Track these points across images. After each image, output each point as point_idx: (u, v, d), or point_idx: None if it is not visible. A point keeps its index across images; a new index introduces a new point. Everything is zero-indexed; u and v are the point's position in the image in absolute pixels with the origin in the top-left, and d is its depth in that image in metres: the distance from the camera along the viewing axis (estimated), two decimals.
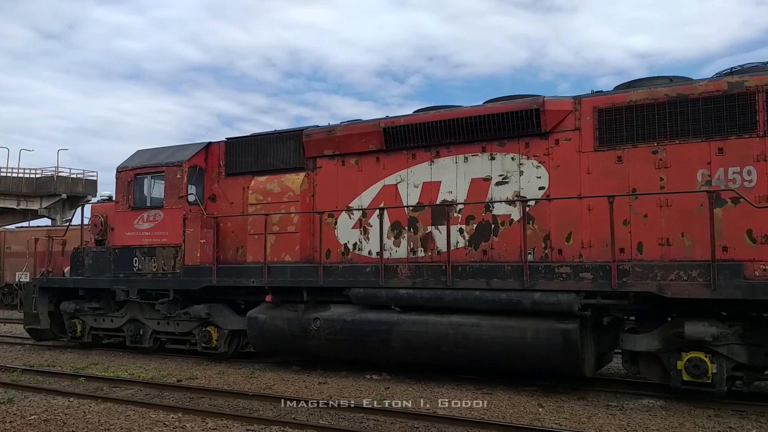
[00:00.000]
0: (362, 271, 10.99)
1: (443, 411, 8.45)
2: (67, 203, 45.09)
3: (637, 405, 8.87)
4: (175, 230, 13.01)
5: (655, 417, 8.14)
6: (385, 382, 10.69)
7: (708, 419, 8.07)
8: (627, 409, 8.66)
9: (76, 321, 14.84)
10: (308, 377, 11.15)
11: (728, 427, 7.64)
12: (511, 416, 8.22)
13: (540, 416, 8.22)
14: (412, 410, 8.41)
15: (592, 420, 8.02)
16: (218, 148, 13.49)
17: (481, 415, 8.25)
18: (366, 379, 10.88)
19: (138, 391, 10.15)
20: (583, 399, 9.27)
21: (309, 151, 12.32)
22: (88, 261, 14.21)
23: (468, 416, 8.16)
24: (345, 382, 10.62)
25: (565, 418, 8.11)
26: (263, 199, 12.48)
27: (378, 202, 11.56)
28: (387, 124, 11.40)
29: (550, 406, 8.75)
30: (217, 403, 9.20)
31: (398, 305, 10.62)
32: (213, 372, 11.82)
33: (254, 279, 11.98)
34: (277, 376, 11.35)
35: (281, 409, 8.71)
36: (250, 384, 10.60)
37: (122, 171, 13.87)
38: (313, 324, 11.27)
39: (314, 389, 10.14)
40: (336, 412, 8.45)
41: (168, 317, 13.34)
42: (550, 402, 9.03)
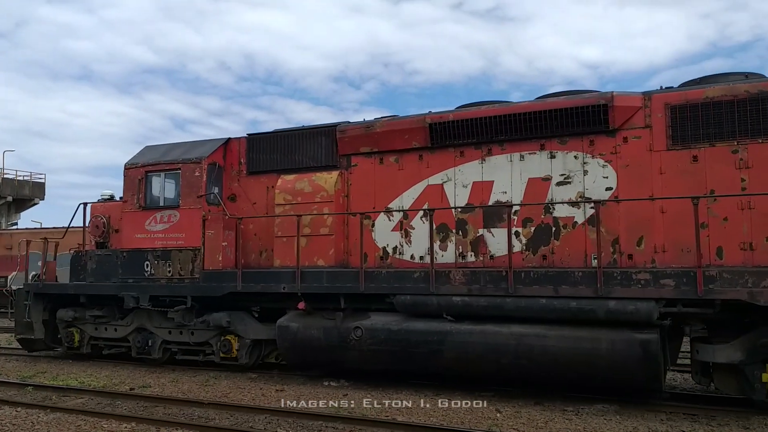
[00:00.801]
0: (409, 276, 10.17)
1: (402, 418, 8.35)
2: (13, 206, 42.95)
3: (592, 409, 8.90)
4: (193, 232, 11.99)
5: (610, 421, 8.27)
6: (344, 388, 10.48)
7: (661, 423, 8.17)
8: (582, 413, 8.71)
9: (73, 330, 13.63)
10: (265, 385, 10.88)
11: (680, 431, 7.76)
12: (469, 422, 8.21)
13: (498, 421, 8.24)
14: (371, 417, 8.36)
15: (549, 425, 8.07)
16: (238, 144, 12.53)
17: (441, 420, 8.21)
18: (324, 386, 10.67)
19: (89, 401, 9.77)
20: (540, 404, 9.22)
21: (343, 148, 11.46)
22: (91, 265, 13.05)
23: (426, 423, 8.06)
24: (302, 390, 10.39)
25: (522, 423, 8.14)
26: (292, 199, 11.56)
27: (421, 203, 10.79)
28: (433, 120, 10.63)
29: (507, 412, 8.75)
30: (172, 412, 8.95)
31: (451, 314, 9.83)
32: (167, 380, 11.45)
33: (285, 285, 11.04)
34: (233, 383, 11.01)
35: (237, 417, 8.59)
36: (206, 392, 10.32)
37: (131, 168, 12.76)
38: (354, 334, 10.40)
39: (271, 397, 9.91)
40: (295, 419, 8.34)
41: (181, 326, 12.29)
42: (508, 407, 9.00)
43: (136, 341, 12.85)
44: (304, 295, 10.93)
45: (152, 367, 12.62)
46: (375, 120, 11.25)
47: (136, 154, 13.09)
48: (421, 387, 10.29)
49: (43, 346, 14.50)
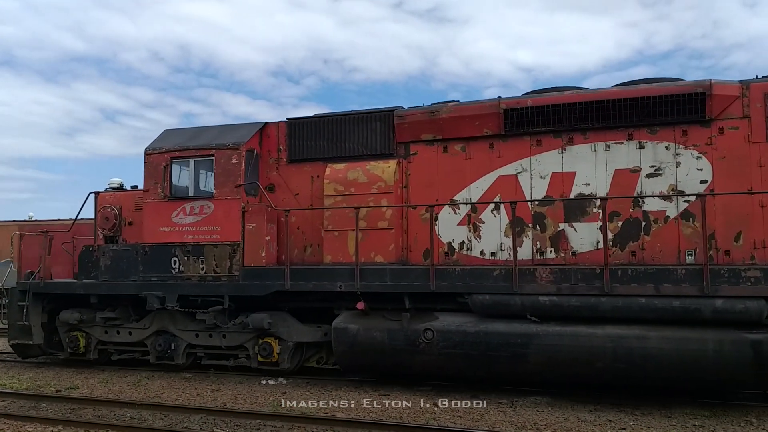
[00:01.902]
0: (488, 274, 9.41)
1: (342, 414, 8.43)
2: None
3: (526, 402, 9.11)
4: (231, 225, 10.86)
5: (542, 413, 8.51)
6: (282, 387, 10.35)
7: (589, 413, 8.48)
8: (516, 405, 8.91)
9: (78, 334, 12.23)
10: (200, 385, 10.62)
11: (607, 420, 8.10)
12: (408, 417, 8.32)
13: (436, 416, 8.37)
14: (309, 414, 8.36)
15: (485, 418, 8.28)
16: (277, 129, 11.44)
17: (380, 416, 8.25)
18: (261, 385, 10.48)
19: (12, 403, 9.42)
20: (476, 397, 9.27)
21: (401, 135, 10.58)
22: (104, 262, 11.67)
23: (366, 418, 8.11)
24: (240, 389, 10.22)
25: (459, 417, 8.31)
26: (344, 190, 10.60)
27: (492, 195, 10.05)
28: (509, 105, 9.90)
29: (445, 406, 8.85)
30: (102, 414, 8.71)
31: (536, 315, 9.14)
32: (96, 381, 11.06)
33: (341, 283, 10.09)
34: (166, 383, 10.74)
35: (172, 417, 8.41)
36: (138, 392, 10.07)
37: (154, 154, 11.47)
38: (423, 336, 9.57)
39: (207, 396, 9.76)
40: (231, 418, 8.20)
41: (212, 328, 11.14)
42: (445, 402, 9.04)
43: (156, 345, 11.60)
44: (362, 295, 10.03)
45: (80, 368, 12.13)
46: (440, 104, 10.42)
47: (157, 139, 11.79)
48: (360, 383, 10.39)
49: (38, 352, 13.02)
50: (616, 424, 7.94)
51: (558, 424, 7.96)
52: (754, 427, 7.83)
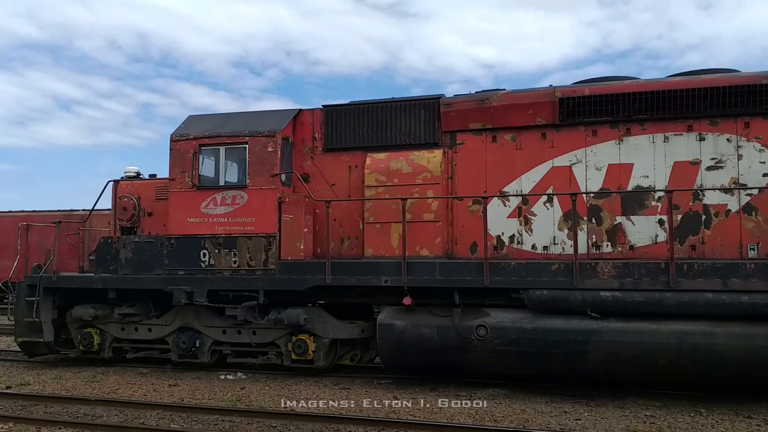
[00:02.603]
0: (546, 269, 9.08)
1: (302, 409, 8.44)
2: None
3: (484, 394, 9.24)
4: (266, 216, 10.31)
5: (500, 405, 8.64)
6: (241, 382, 10.27)
7: (546, 404, 8.66)
8: (475, 398, 8.97)
9: (92, 331, 11.53)
10: (157, 380, 10.49)
11: (563, 411, 8.28)
12: (368, 410, 8.35)
13: (396, 409, 8.41)
14: (269, 409, 8.31)
15: (444, 410, 8.35)
16: (312, 117, 10.92)
17: (339, 411, 8.23)
18: (220, 380, 10.42)
19: None
20: (435, 390, 9.45)
21: (448, 123, 10.18)
22: (125, 254, 11.00)
23: (326, 412, 8.14)
24: (197, 384, 10.11)
25: (419, 410, 8.36)
26: (386, 180, 10.16)
27: (544, 187, 9.72)
28: (564, 94, 9.58)
29: (405, 397, 8.92)
30: (55, 411, 8.55)
31: (596, 310, 8.84)
32: (48, 377, 10.83)
33: (387, 277, 9.65)
34: (122, 379, 10.61)
35: (128, 414, 8.29)
36: (92, 389, 9.86)
37: (181, 140, 10.84)
38: (476, 333, 9.20)
39: (164, 392, 9.66)
40: (189, 414, 8.15)
41: (241, 325, 10.59)
42: (405, 394, 9.18)
43: (179, 343, 10.99)
44: (410, 289, 9.61)
45: (31, 364, 11.92)
46: (489, 92, 10.04)
47: (182, 125, 11.15)
48: (321, 378, 10.34)
49: (45, 350, 12.26)
50: (571, 415, 8.11)
51: (515, 415, 8.13)
52: (702, 416, 8.04)
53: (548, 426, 7.67)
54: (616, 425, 7.66)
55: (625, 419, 7.90)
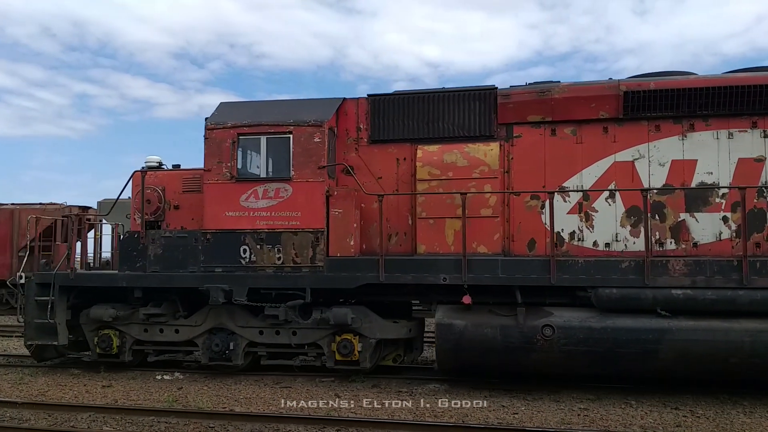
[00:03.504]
0: (615, 266, 8.87)
1: (240, 408, 8.34)
2: None
3: (425, 389, 9.36)
4: (313, 210, 9.77)
5: (440, 399, 8.69)
6: (178, 382, 10.06)
7: (484, 399, 8.76)
8: (416, 393, 9.11)
9: (110, 333, 10.73)
10: (89, 381, 10.14)
11: (501, 406, 8.44)
12: (309, 409, 8.29)
13: (337, 407, 8.37)
14: (207, 410, 8.15)
15: (385, 406, 8.38)
16: (356, 106, 10.40)
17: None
18: (156, 380, 10.16)
19: None
20: (377, 387, 9.52)
21: (504, 115, 9.83)
22: (154, 250, 10.25)
23: (265, 412, 8.04)
24: (132, 384, 9.86)
25: (361, 407, 8.37)
26: (440, 174, 9.75)
27: (605, 182, 9.50)
28: (629, 87, 9.36)
29: (346, 396, 8.92)
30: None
31: (667, 309, 8.68)
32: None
33: (445, 275, 9.27)
34: (51, 380, 10.22)
35: (57, 417, 8.00)
36: (20, 391, 9.45)
37: (217, 129, 10.14)
38: (542, 333, 8.91)
39: (96, 393, 9.33)
40: (123, 416, 7.92)
41: (280, 325, 10.02)
42: (347, 392, 9.21)
43: (212, 344, 10.32)
44: (455, 287, 9.28)
45: None
46: (551, 84, 9.73)
47: (216, 113, 10.45)
48: (262, 376, 10.26)
49: (54, 354, 11.39)
50: (509, 409, 8.27)
51: (455, 410, 8.23)
52: (632, 408, 8.34)
53: (486, 420, 7.79)
54: (552, 418, 7.85)
55: (561, 412, 8.10)
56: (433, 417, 7.90)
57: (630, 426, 7.55)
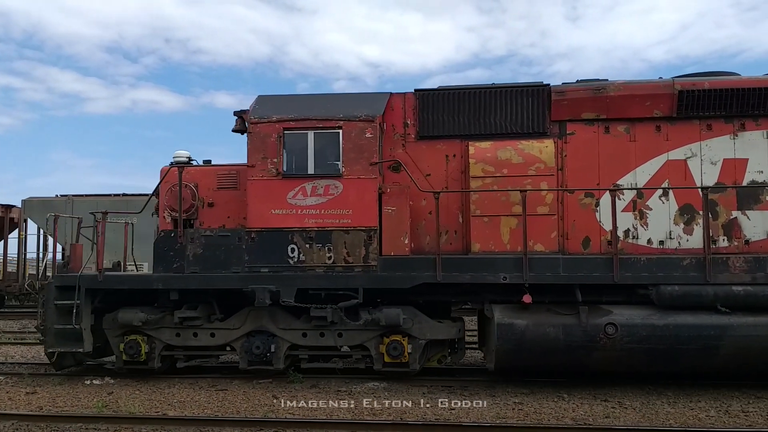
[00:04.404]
0: (677, 264, 8.94)
1: (174, 413, 8.14)
2: None
3: (364, 388, 9.40)
4: (364, 208, 9.45)
5: (379, 398, 8.80)
6: (108, 386, 9.77)
7: (423, 396, 8.93)
8: (355, 393, 9.16)
9: (137, 338, 10.11)
10: (12, 388, 9.72)
11: (439, 402, 8.56)
12: (245, 410, 8.22)
13: (275, 407, 8.33)
14: (139, 414, 7.96)
15: (323, 406, 8.38)
16: (403, 101, 10.11)
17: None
18: (85, 385, 9.85)
19: None
20: (316, 387, 9.52)
21: (558, 112, 9.76)
22: (193, 250, 9.70)
23: (200, 416, 7.92)
24: (59, 391, 9.50)
25: (299, 408, 8.34)
26: (495, 171, 9.58)
27: (659, 180, 9.56)
28: (684, 86, 9.43)
29: (284, 397, 8.87)
30: None
31: (727, 305, 8.79)
32: None
33: (505, 274, 9.13)
34: None
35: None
36: None
37: (261, 123, 9.69)
38: (604, 331, 8.88)
39: (20, 400, 8.96)
40: (48, 423, 7.59)
41: (325, 326, 9.68)
42: (285, 393, 9.15)
43: (252, 348, 9.86)
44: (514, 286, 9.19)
45: None
46: (606, 82, 9.70)
47: (258, 106, 9.97)
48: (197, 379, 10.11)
49: (72, 362, 10.67)
50: (446, 405, 8.40)
51: (393, 408, 8.29)
52: (565, 401, 8.64)
53: (424, 417, 7.89)
54: (488, 413, 8.04)
55: (496, 407, 8.32)
56: (371, 416, 7.91)
57: (562, 419, 7.80)
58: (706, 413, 8.01)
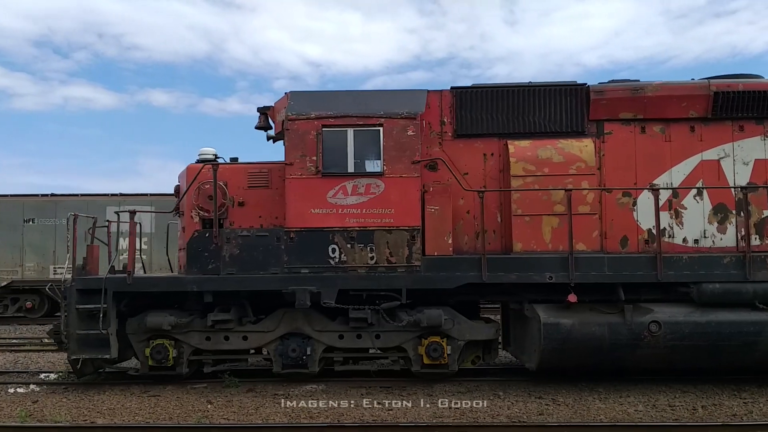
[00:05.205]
0: (718, 262, 9.11)
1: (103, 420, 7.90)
2: None
3: (302, 391, 9.24)
4: (407, 207, 9.31)
5: (317, 400, 8.63)
6: (33, 395, 9.42)
7: (361, 397, 8.86)
8: (292, 396, 8.97)
9: (165, 342, 9.72)
10: None
11: (377, 403, 8.56)
12: (178, 416, 8.06)
13: (209, 413, 8.17)
14: (65, 424, 7.67)
15: (259, 411, 8.25)
16: (439, 99, 9.99)
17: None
18: (8, 394, 9.43)
19: None
20: (252, 391, 9.33)
21: (596, 112, 9.81)
22: (230, 250, 9.36)
23: (131, 423, 7.74)
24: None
25: (233, 412, 8.20)
26: (536, 170, 9.57)
27: (693, 180, 9.73)
28: (719, 88, 9.61)
29: (219, 402, 8.70)
30: None
31: (765, 302, 9.03)
32: None
33: (551, 273, 9.14)
34: None
35: None
36: None
37: (300, 119, 9.42)
38: (648, 329, 8.99)
39: None
40: None
41: (363, 328, 9.52)
42: (220, 397, 8.96)
43: (288, 351, 9.60)
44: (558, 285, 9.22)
45: None
46: (645, 82, 9.81)
47: (294, 102, 9.67)
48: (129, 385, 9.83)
49: (91, 369, 10.19)
50: (384, 406, 8.40)
51: (330, 410, 8.23)
52: (500, 399, 8.80)
53: (362, 418, 7.87)
54: (425, 413, 8.06)
55: (433, 407, 8.35)
56: (308, 418, 7.85)
57: (497, 416, 7.95)
58: (634, 408, 8.28)
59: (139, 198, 21.27)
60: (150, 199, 20.90)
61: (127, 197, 21.44)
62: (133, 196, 21.59)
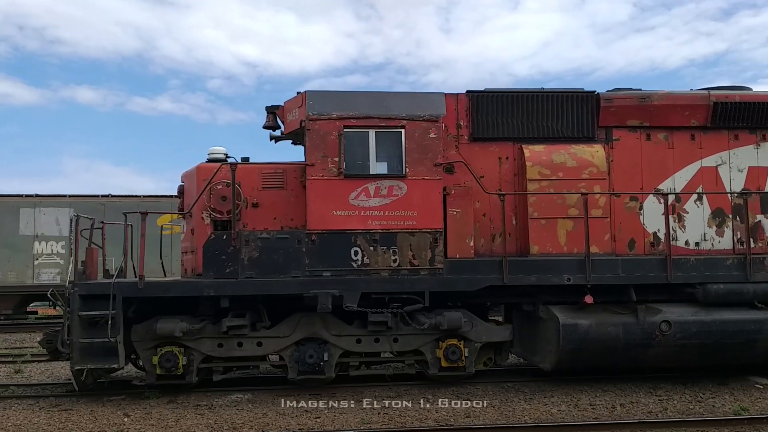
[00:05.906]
0: (721, 264, 9.60)
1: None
2: None
3: (226, 401, 9.04)
4: (429, 209, 9.31)
5: (242, 411, 8.52)
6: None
7: (287, 405, 8.72)
8: (216, 406, 8.78)
9: (174, 350, 9.32)
10: None
11: (304, 411, 8.50)
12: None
13: (125, 426, 7.86)
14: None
15: (180, 422, 7.99)
16: (456, 102, 10.04)
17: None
18: None
19: None
20: (173, 402, 9.04)
21: (606, 119, 10.14)
22: (249, 253, 9.06)
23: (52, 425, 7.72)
24: None
25: (152, 425, 7.89)
26: (551, 174, 9.79)
27: (694, 186, 10.24)
28: (718, 98, 10.14)
29: (137, 415, 8.36)
30: None
31: (764, 301, 9.61)
32: None
33: (569, 275, 9.37)
34: None
35: None
36: None
37: (321, 119, 9.25)
38: (660, 328, 9.37)
39: None
40: None
41: (381, 332, 9.48)
42: (138, 410, 8.64)
43: (305, 356, 9.39)
44: (572, 287, 9.49)
45: None
46: (652, 92, 10.21)
47: (313, 102, 9.44)
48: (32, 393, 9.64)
49: (91, 379, 9.64)
50: (312, 414, 8.34)
51: (256, 420, 8.04)
52: (429, 402, 8.88)
53: (288, 427, 7.73)
54: (353, 419, 8.05)
55: (362, 412, 8.36)
56: (232, 429, 7.68)
57: (425, 420, 8.03)
58: (557, 408, 8.57)
59: (58, 199, 20.48)
60: (69, 201, 20.06)
61: (43, 198, 20.53)
62: (50, 197, 20.66)
